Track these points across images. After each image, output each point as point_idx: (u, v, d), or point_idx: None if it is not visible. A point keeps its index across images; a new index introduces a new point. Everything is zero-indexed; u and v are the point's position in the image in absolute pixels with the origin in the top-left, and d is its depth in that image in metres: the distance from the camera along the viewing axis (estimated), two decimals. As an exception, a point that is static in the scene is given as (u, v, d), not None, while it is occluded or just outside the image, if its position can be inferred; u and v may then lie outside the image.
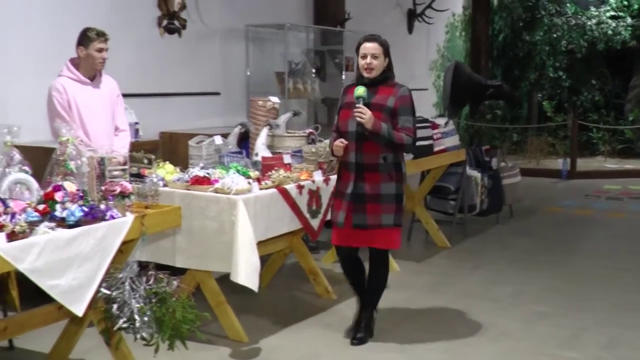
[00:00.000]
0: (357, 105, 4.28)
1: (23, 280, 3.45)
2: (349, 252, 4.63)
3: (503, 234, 7.85)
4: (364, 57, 4.40)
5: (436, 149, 6.71)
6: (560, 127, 14.23)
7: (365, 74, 4.41)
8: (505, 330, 4.92)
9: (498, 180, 8.15)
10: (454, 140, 7.09)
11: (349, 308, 5.00)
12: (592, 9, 14.88)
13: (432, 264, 6.68)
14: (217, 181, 4.52)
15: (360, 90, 4.32)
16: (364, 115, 4.24)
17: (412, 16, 11.97)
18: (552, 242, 7.54)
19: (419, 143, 6.35)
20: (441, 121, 7.08)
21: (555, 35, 14.73)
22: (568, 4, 15.06)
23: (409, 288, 5.84)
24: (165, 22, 7.19)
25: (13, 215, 3.23)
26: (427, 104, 12.42)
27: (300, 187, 4.92)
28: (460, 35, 14.07)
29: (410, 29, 12.07)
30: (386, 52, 4.44)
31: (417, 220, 7.39)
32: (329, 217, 5.03)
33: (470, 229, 7.76)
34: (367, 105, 4.31)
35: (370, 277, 4.69)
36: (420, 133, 6.45)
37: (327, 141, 4.69)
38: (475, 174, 7.81)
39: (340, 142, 4.39)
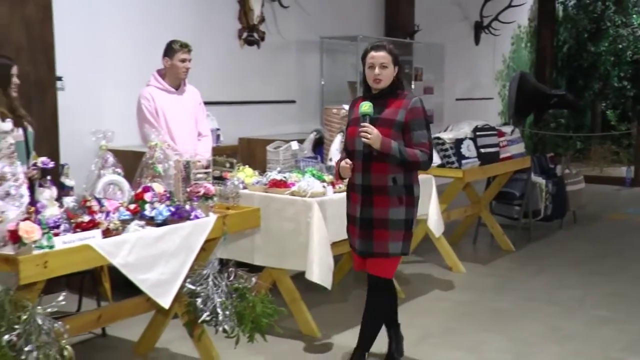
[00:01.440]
0: (362, 123, 3.65)
1: (114, 273, 3.56)
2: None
3: (566, 239, 7.67)
4: (372, 67, 3.75)
5: (502, 156, 6.62)
6: (624, 135, 13.83)
7: (374, 85, 3.79)
8: (569, 334, 4.81)
9: (562, 187, 7.98)
10: (519, 148, 6.98)
11: (417, 306, 4.96)
12: (659, 20, 14.45)
13: (497, 266, 6.57)
14: (293, 184, 4.56)
15: (366, 107, 3.67)
16: (370, 134, 3.61)
17: (479, 28, 11.86)
18: (615, 248, 7.32)
19: (485, 150, 6.33)
20: (507, 129, 6.98)
21: (620, 46, 14.32)
22: (634, 15, 14.64)
23: (474, 289, 5.78)
24: (245, 35, 7.30)
25: (107, 213, 3.33)
26: (492, 113, 12.27)
27: (371, 191, 4.89)
28: (525, 46, 13.83)
29: (477, 40, 11.95)
30: (395, 61, 3.78)
31: (483, 225, 7.29)
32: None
33: (534, 233, 7.61)
34: (374, 121, 3.68)
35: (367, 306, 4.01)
36: (487, 141, 6.41)
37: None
38: (540, 180, 7.67)
39: (346, 163, 3.78)
